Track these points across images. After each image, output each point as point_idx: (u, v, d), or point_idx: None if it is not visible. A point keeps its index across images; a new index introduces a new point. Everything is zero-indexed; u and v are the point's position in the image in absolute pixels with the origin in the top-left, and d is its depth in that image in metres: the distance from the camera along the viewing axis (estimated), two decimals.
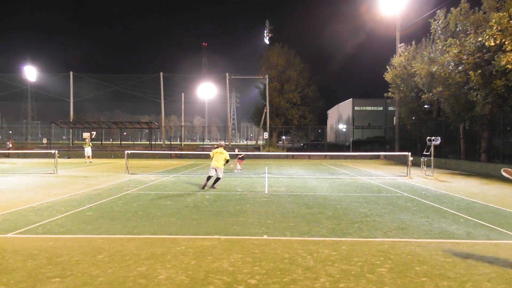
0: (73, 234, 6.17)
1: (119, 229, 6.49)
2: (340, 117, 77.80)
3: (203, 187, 11.69)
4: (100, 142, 41.03)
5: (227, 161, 12.10)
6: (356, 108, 68.69)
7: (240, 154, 19.60)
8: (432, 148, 15.96)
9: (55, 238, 5.88)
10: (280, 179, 15.20)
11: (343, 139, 67.10)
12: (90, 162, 25.80)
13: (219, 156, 11.92)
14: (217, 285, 4.02)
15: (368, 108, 69.34)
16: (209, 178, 11.80)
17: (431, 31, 22.82)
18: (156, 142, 45.32)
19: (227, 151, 12.44)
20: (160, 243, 5.61)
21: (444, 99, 21.62)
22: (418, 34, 47.48)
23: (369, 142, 48.02)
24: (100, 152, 34.09)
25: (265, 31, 75.78)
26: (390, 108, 58.98)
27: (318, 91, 53.05)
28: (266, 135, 40.65)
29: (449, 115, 21.88)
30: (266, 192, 11.28)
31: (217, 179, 12.02)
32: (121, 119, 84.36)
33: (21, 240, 5.82)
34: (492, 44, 16.32)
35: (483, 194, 11.28)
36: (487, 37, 16.42)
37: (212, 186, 11.85)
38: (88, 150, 26.31)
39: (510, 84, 16.61)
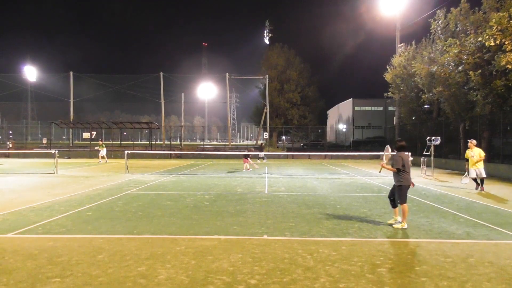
0: (73, 234, 6.17)
1: (119, 229, 6.49)
2: (340, 117, 77.70)
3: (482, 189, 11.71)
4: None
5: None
6: (356, 108, 68.58)
7: (248, 155, 19.86)
8: (432, 148, 15.95)
9: (55, 238, 5.88)
10: (280, 179, 15.20)
11: (343, 139, 66.98)
12: (106, 161, 26.65)
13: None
14: (217, 285, 4.02)
15: (368, 108, 69.24)
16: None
17: (431, 31, 22.83)
18: (156, 142, 45.27)
19: (228, 151, 12.46)
20: (160, 243, 5.61)
21: (444, 99, 21.62)
22: (418, 34, 47.55)
23: (369, 142, 47.95)
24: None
25: (265, 31, 75.80)
26: (390, 108, 58.89)
27: (318, 91, 53.04)
28: (266, 135, 40.62)
29: (449, 115, 21.88)
30: (266, 192, 11.28)
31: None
32: (121, 119, 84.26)
33: (21, 240, 5.82)
34: (492, 44, 16.31)
35: (483, 194, 11.27)
36: (487, 37, 16.42)
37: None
38: (103, 151, 27.01)
39: (510, 84, 16.60)
